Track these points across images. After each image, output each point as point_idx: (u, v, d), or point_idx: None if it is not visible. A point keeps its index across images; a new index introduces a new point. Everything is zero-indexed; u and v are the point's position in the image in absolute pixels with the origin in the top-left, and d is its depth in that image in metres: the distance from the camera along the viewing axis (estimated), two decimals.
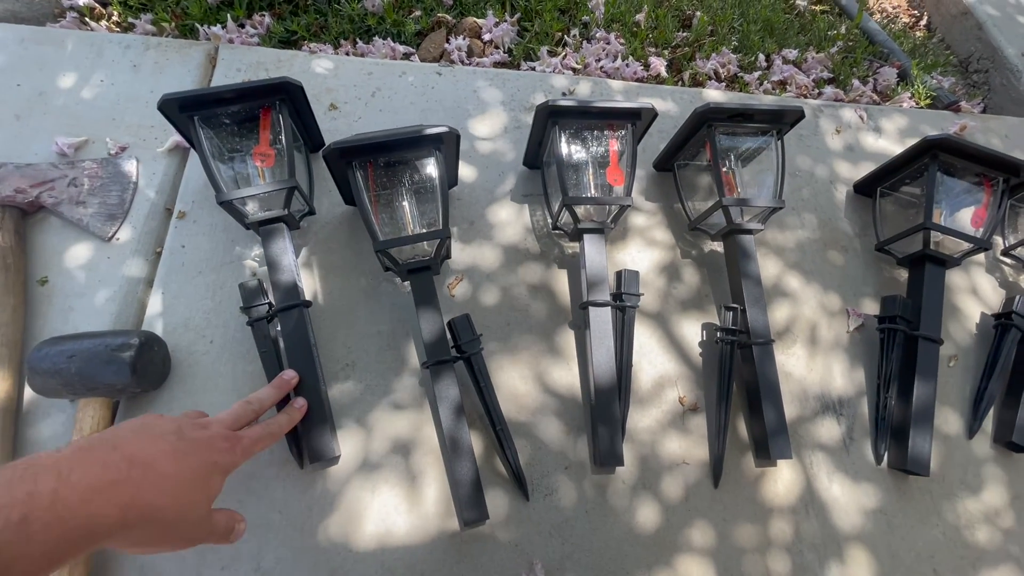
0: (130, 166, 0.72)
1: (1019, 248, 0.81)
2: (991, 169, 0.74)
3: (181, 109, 0.61)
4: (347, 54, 0.98)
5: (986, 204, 0.74)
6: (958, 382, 0.74)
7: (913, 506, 0.66)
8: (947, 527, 0.65)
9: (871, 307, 0.77)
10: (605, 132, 0.70)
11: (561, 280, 0.73)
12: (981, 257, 0.83)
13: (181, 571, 0.54)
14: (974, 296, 0.80)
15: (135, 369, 0.54)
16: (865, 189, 0.84)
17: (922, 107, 1.11)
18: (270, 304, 0.61)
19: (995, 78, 1.20)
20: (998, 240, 0.84)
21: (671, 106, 0.89)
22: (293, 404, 0.56)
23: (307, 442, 0.57)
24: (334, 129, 0.79)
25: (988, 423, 0.72)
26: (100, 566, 0.53)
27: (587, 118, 0.68)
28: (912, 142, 0.74)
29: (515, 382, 0.66)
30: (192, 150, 0.74)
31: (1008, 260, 0.83)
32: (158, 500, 0.37)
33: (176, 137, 0.74)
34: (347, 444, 0.61)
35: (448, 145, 0.64)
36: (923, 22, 1.39)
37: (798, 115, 0.70)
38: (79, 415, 0.55)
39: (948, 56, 1.28)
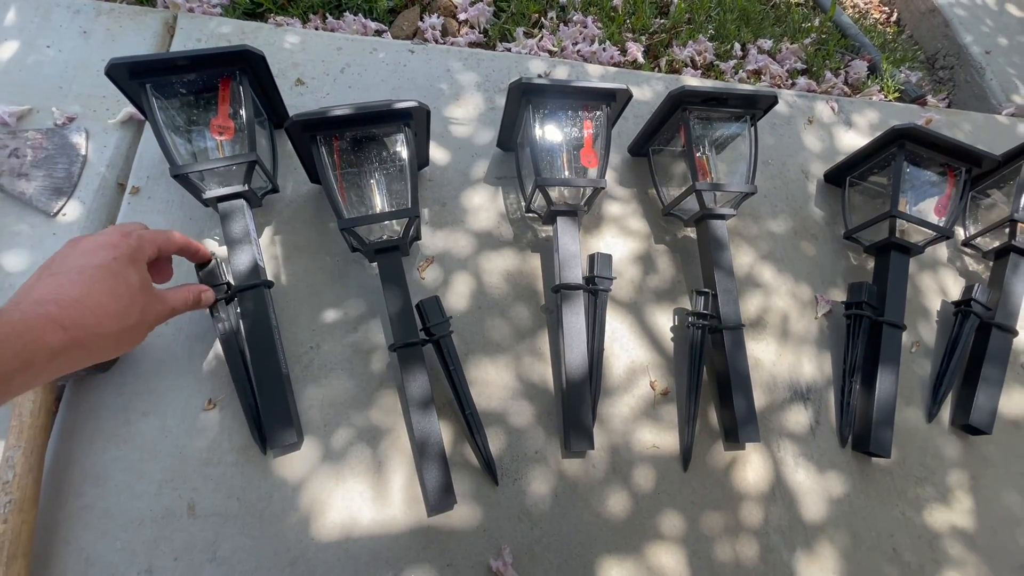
0: (78, 137, 0.68)
1: (979, 238, 0.84)
2: (955, 159, 0.75)
3: (131, 75, 0.57)
4: (316, 29, 0.95)
5: (949, 194, 0.76)
6: (919, 367, 0.75)
7: (875, 488, 0.67)
8: (907, 507, 0.67)
9: (839, 294, 0.78)
10: (580, 113, 0.69)
11: (534, 264, 0.71)
12: (943, 247, 0.85)
13: (131, 561, 0.51)
14: (936, 284, 0.82)
15: None
16: (835, 178, 0.85)
17: (890, 100, 1.13)
18: (229, 284, 0.59)
19: (960, 74, 1.23)
20: (959, 231, 0.86)
21: (647, 92, 0.89)
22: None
23: (268, 427, 0.55)
24: (300, 105, 0.76)
25: (947, 407, 0.74)
26: (43, 556, 0.50)
27: (561, 98, 0.67)
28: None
29: (485, 366, 0.65)
30: (148, 122, 0.70)
31: (968, 250, 0.86)
32: (90, 320, 0.39)
33: (129, 108, 0.70)
34: (310, 429, 0.59)
35: (418, 121, 0.62)
36: (893, 18, 1.42)
37: (771, 100, 0.70)
38: (18, 399, 0.52)
39: (916, 52, 1.31)
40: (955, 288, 0.82)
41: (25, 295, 0.39)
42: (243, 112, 0.61)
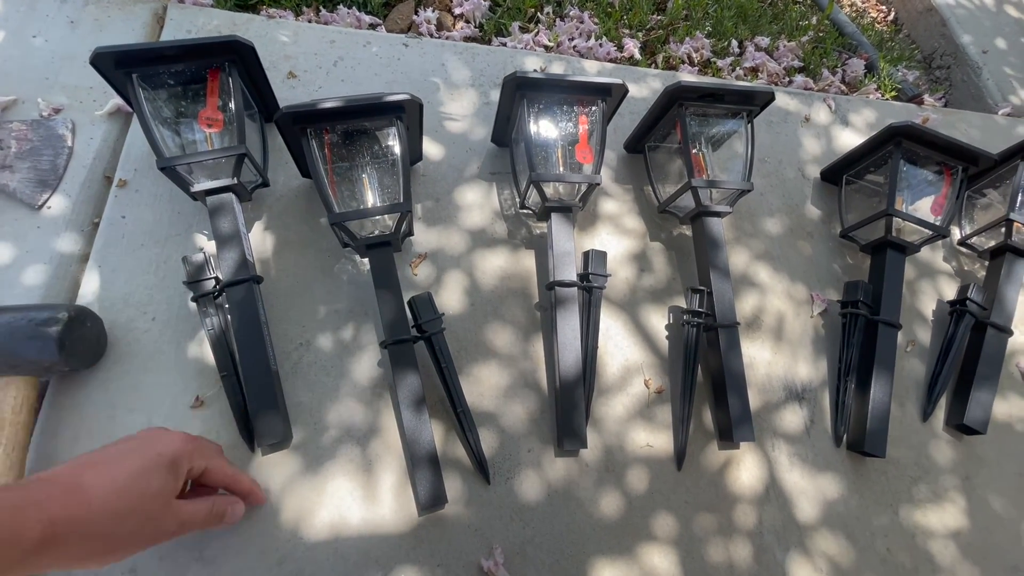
0: (64, 129, 0.66)
1: (974, 238, 0.83)
2: (951, 158, 0.75)
3: (118, 65, 0.56)
4: (309, 21, 0.94)
5: (945, 193, 0.76)
6: (914, 366, 0.75)
7: (869, 487, 0.67)
8: (901, 507, 0.67)
9: (835, 293, 0.77)
10: (575, 108, 0.68)
11: (528, 261, 0.71)
12: (939, 246, 0.85)
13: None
14: (931, 284, 0.82)
15: (63, 346, 0.50)
16: (831, 177, 0.85)
17: (887, 99, 1.13)
18: (217, 279, 0.58)
19: (956, 74, 1.22)
20: (955, 231, 0.86)
21: (643, 88, 0.88)
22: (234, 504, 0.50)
23: (257, 425, 0.54)
24: (292, 98, 0.74)
25: (941, 407, 0.73)
26: None
27: (557, 92, 0.66)
28: None
29: (478, 364, 0.64)
30: (135, 114, 0.69)
31: (964, 249, 0.85)
32: (81, 513, 0.36)
33: (117, 100, 0.69)
34: (300, 427, 0.58)
35: (410, 115, 0.61)
36: (890, 17, 1.42)
37: (768, 97, 0.69)
38: (0, 394, 0.51)
39: (913, 51, 1.31)
40: (950, 288, 0.82)
41: (56, 470, 0.38)
42: (232, 104, 0.60)
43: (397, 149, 0.60)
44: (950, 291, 0.82)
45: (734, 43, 1.11)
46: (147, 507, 0.40)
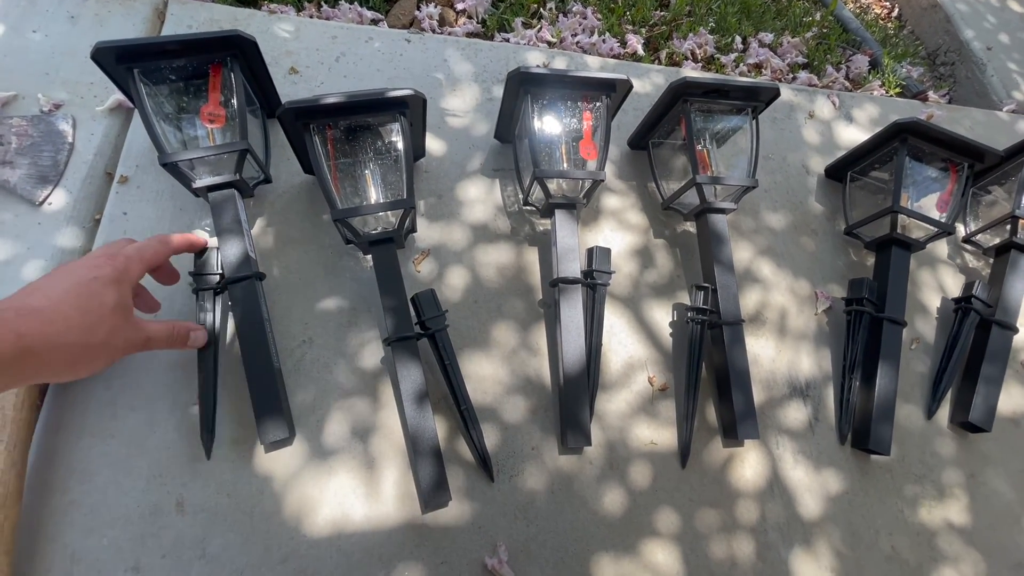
0: (65, 125, 0.66)
1: (980, 235, 0.83)
2: (957, 154, 0.75)
3: (119, 60, 0.55)
4: (311, 17, 0.93)
5: (951, 190, 0.75)
6: (919, 364, 0.75)
7: (874, 485, 0.67)
8: (905, 505, 0.67)
9: (839, 290, 0.77)
10: (579, 104, 0.67)
11: (531, 258, 0.70)
12: (943, 243, 0.85)
13: (118, 559, 0.50)
14: (936, 281, 0.82)
15: None
16: (836, 173, 0.84)
17: (891, 95, 1.12)
18: (221, 275, 0.57)
19: (961, 71, 1.22)
20: (960, 228, 0.86)
21: (647, 84, 0.88)
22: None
23: (259, 422, 0.54)
24: (294, 94, 0.74)
25: (946, 404, 0.73)
26: (27, 553, 0.49)
27: (561, 88, 0.66)
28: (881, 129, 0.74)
29: (481, 361, 0.64)
30: (136, 110, 0.68)
31: (969, 247, 0.85)
32: (48, 329, 0.39)
33: (118, 96, 0.68)
34: (302, 424, 0.57)
35: (414, 111, 0.60)
36: (894, 13, 1.41)
37: (774, 93, 0.69)
38: (1, 392, 0.50)
39: (917, 47, 1.30)
40: (955, 285, 0.82)
41: None
42: (234, 99, 0.59)
43: (400, 145, 0.60)
44: (955, 288, 0.81)
45: (738, 39, 1.10)
46: (107, 319, 0.43)
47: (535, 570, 0.56)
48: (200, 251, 0.57)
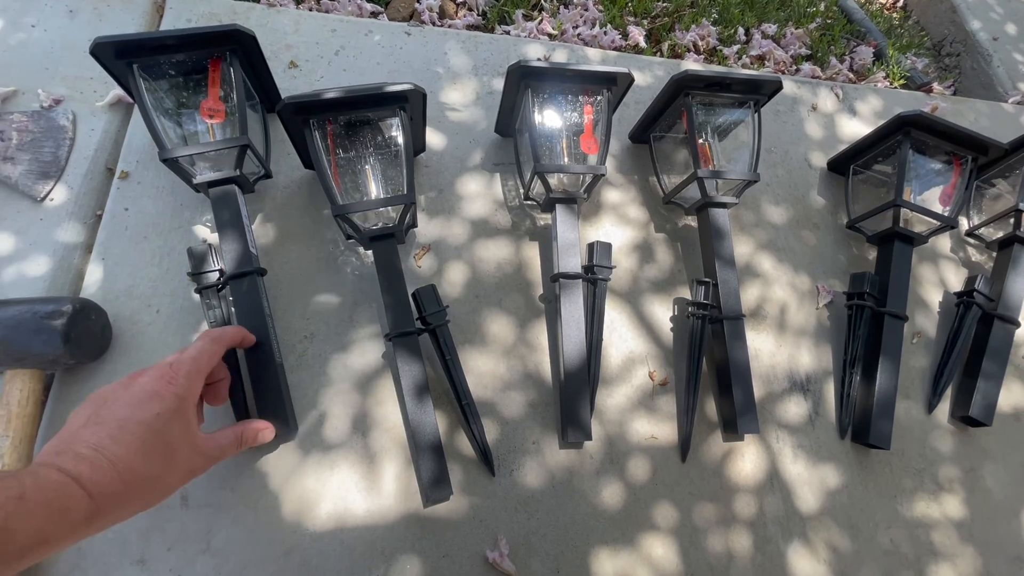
0: (65, 120, 0.66)
1: (982, 228, 0.83)
2: (960, 147, 0.74)
3: (118, 55, 0.55)
4: (310, 10, 0.92)
5: (954, 183, 0.75)
6: (920, 358, 0.75)
7: (873, 479, 0.67)
8: (905, 499, 0.67)
9: (840, 285, 0.77)
10: (580, 98, 0.67)
11: (532, 252, 0.70)
12: (945, 237, 0.84)
13: (123, 552, 0.50)
14: (937, 275, 0.81)
15: (68, 338, 0.50)
16: (838, 167, 0.84)
17: (896, 87, 1.11)
18: (221, 271, 0.57)
19: (966, 62, 1.21)
20: (963, 221, 0.85)
21: (649, 77, 0.87)
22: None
23: (262, 417, 0.54)
24: (293, 88, 0.74)
25: (946, 399, 0.73)
26: None
27: (561, 82, 0.65)
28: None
29: (482, 356, 0.64)
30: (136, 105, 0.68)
31: (972, 240, 0.85)
32: (117, 488, 0.36)
33: (118, 91, 0.68)
34: (305, 419, 0.58)
35: (414, 105, 0.60)
36: (899, 3, 1.39)
37: (776, 86, 0.68)
38: (6, 388, 0.51)
39: (923, 38, 1.29)
40: (957, 279, 0.81)
41: (67, 443, 0.37)
42: (234, 94, 0.59)
43: (400, 140, 0.60)
44: (957, 282, 0.81)
45: (740, 31, 1.09)
46: (172, 459, 0.41)
47: (536, 563, 0.56)
48: (200, 255, 0.57)
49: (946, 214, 0.72)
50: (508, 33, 0.96)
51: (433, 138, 0.74)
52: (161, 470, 0.40)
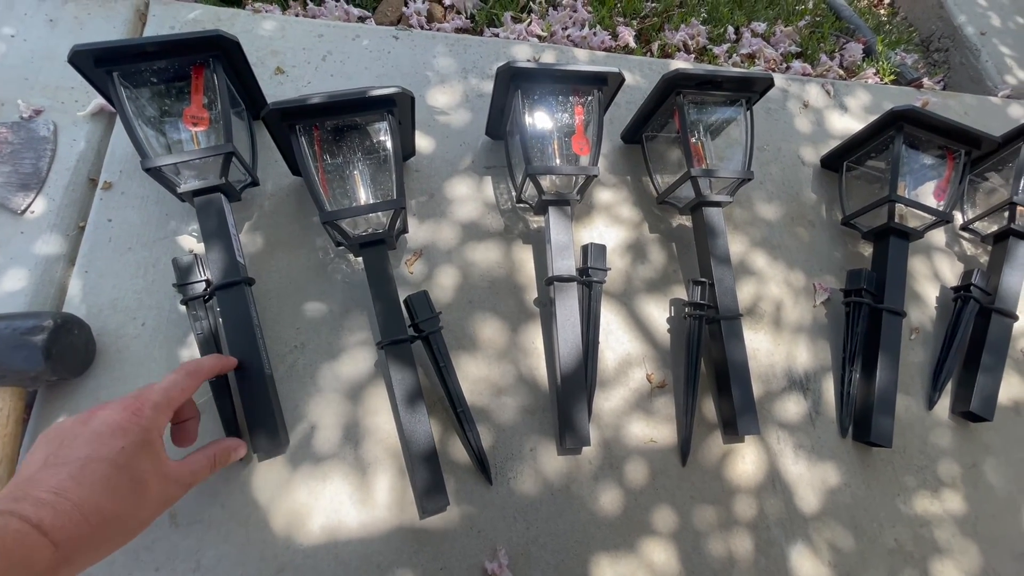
0: (46, 131, 0.65)
1: (977, 222, 0.82)
2: (953, 141, 0.74)
3: (97, 63, 0.54)
4: (296, 15, 0.91)
5: (948, 177, 0.75)
6: (919, 354, 0.74)
7: (875, 477, 0.66)
8: (908, 497, 0.66)
9: (836, 282, 0.76)
10: (570, 99, 0.66)
11: (526, 256, 0.69)
12: (941, 232, 0.84)
13: (110, 574, 0.49)
14: (933, 270, 0.81)
15: (49, 354, 0.48)
16: (832, 163, 0.83)
17: (886, 83, 1.12)
18: (207, 282, 0.56)
19: (955, 56, 1.21)
20: (957, 216, 0.85)
21: (639, 77, 0.86)
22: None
23: (252, 431, 0.53)
24: (280, 94, 0.73)
25: (946, 394, 0.73)
26: None
27: (551, 83, 0.65)
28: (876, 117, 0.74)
29: (476, 362, 0.63)
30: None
31: (967, 234, 0.84)
32: (84, 532, 0.35)
33: (100, 100, 0.67)
34: (296, 432, 0.56)
35: (402, 109, 0.59)
36: (887, 0, 1.40)
37: (768, 83, 0.68)
38: None
39: (911, 33, 1.29)
40: (953, 274, 0.81)
41: (25, 489, 0.35)
42: (218, 102, 0.58)
43: (389, 144, 0.59)
44: (953, 277, 0.81)
45: (730, 29, 1.09)
46: (141, 494, 0.39)
47: (536, 573, 0.55)
48: (185, 266, 0.56)
49: (941, 208, 0.72)
50: (497, 36, 0.95)
51: (423, 142, 0.73)
52: (131, 507, 0.38)
